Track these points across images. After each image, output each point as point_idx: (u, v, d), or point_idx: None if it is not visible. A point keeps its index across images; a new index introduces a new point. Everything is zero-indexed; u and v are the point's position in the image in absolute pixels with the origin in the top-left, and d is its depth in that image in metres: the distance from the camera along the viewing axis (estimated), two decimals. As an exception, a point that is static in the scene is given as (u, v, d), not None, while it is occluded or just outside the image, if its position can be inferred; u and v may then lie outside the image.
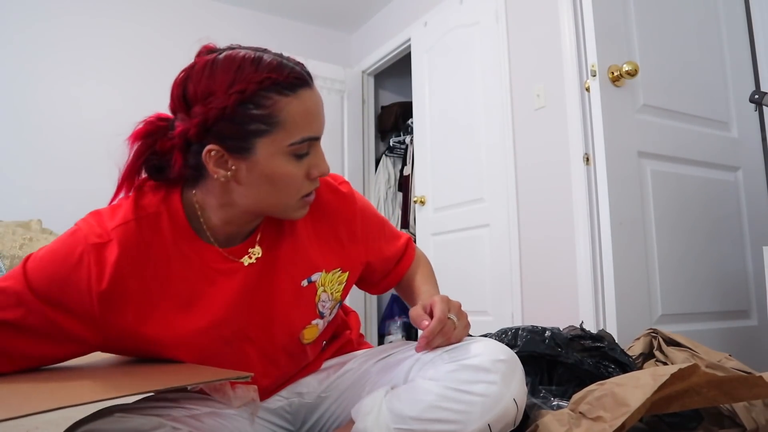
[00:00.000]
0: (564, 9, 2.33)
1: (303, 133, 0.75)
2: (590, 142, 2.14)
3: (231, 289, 0.81)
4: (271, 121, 0.73)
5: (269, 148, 0.74)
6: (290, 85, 0.74)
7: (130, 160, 0.80)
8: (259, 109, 0.72)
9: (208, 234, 0.81)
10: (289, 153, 0.75)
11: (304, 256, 0.87)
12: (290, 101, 0.74)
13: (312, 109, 0.76)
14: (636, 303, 1.86)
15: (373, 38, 3.90)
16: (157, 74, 3.47)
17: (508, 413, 0.76)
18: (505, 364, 0.78)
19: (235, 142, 0.73)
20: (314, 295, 0.87)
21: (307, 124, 0.76)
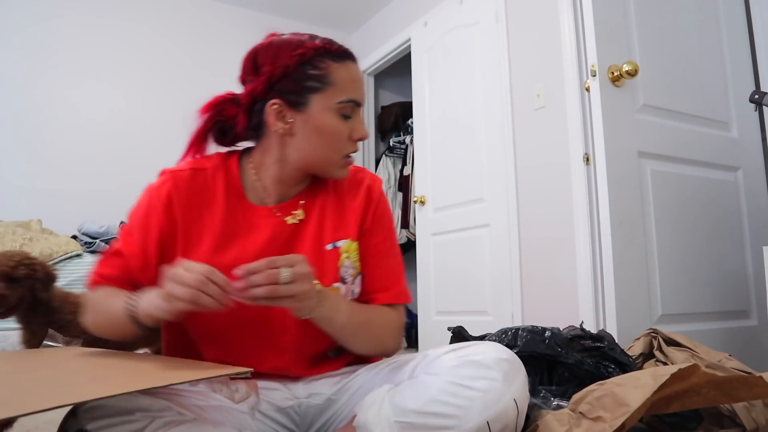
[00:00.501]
0: (564, 9, 2.33)
1: (349, 95, 0.90)
2: (590, 142, 2.14)
3: (263, 237, 0.91)
4: (324, 81, 0.88)
5: (321, 103, 0.89)
6: (340, 55, 0.90)
7: (200, 126, 0.96)
8: (315, 69, 0.88)
9: (260, 194, 0.94)
10: (336, 111, 0.89)
11: (335, 222, 0.97)
12: (339, 67, 0.89)
13: (356, 77, 0.92)
14: (636, 303, 1.86)
15: (373, 38, 3.90)
16: (157, 74, 3.47)
17: (508, 413, 0.76)
18: (509, 364, 0.79)
19: (293, 96, 0.89)
20: (337, 260, 0.95)
21: (353, 89, 0.90)
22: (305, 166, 0.94)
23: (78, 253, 2.48)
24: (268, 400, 0.92)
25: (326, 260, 0.94)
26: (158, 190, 0.93)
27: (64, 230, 2.69)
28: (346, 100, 0.90)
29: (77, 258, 2.46)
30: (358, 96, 0.91)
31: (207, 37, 3.66)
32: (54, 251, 2.40)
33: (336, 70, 0.89)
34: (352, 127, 0.92)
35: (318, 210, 0.97)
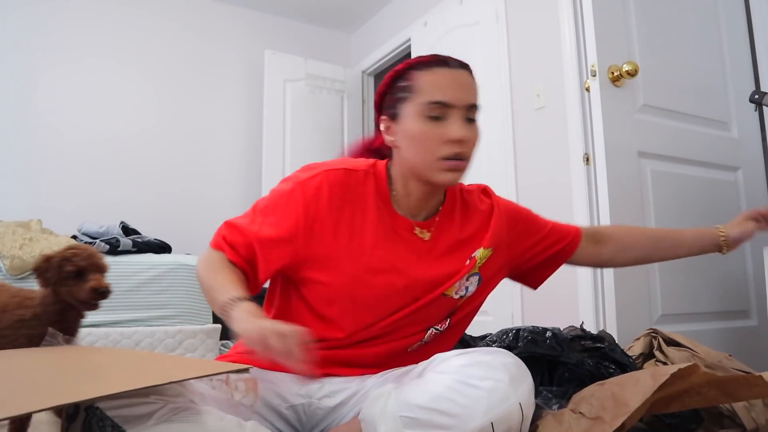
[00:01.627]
0: (564, 9, 2.33)
1: (432, 97, 0.93)
2: (590, 142, 2.14)
3: (406, 250, 0.98)
4: (411, 89, 0.96)
5: (410, 110, 0.95)
6: (428, 63, 0.97)
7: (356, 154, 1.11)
8: (403, 81, 0.97)
9: (401, 204, 1.01)
10: (422, 114, 0.94)
11: (468, 233, 1.03)
12: (424, 74, 0.96)
13: (443, 80, 0.95)
14: (636, 303, 1.86)
15: (373, 38, 3.90)
16: (157, 75, 3.47)
17: (513, 416, 0.76)
18: (516, 368, 0.80)
19: (391, 109, 0.99)
20: (473, 268, 1.02)
21: (437, 91, 0.94)
22: (414, 175, 0.98)
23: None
24: (281, 394, 0.92)
25: (462, 270, 1.00)
26: (306, 184, 0.96)
27: (64, 230, 2.69)
28: (430, 102, 0.93)
29: (77, 258, 2.46)
30: (444, 96, 0.93)
31: (207, 37, 3.66)
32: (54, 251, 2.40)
33: (420, 77, 0.95)
34: (445, 129, 0.93)
35: (456, 226, 1.03)
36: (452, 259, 1.01)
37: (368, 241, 0.96)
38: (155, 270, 2.53)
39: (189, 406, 0.76)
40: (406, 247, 0.98)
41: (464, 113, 0.95)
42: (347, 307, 0.95)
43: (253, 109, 3.69)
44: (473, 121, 0.97)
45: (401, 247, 0.98)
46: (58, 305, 1.20)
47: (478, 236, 1.04)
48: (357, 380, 0.96)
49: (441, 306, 1.01)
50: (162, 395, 0.75)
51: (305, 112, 3.67)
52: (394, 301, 0.96)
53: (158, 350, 2.46)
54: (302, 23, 4.01)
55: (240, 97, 3.70)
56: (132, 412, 0.72)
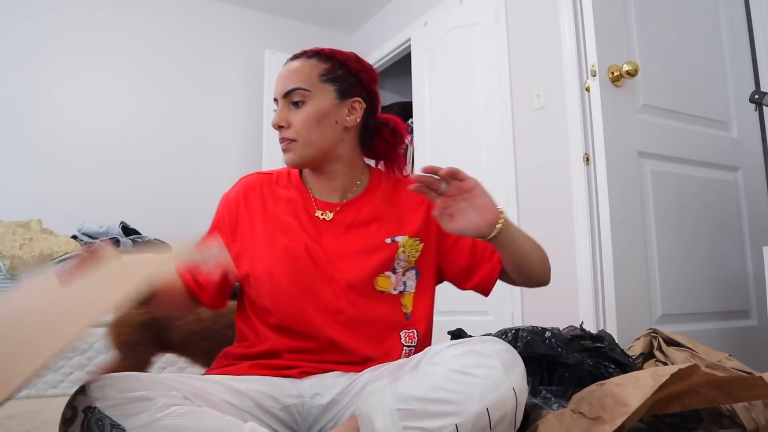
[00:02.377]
0: (564, 9, 2.33)
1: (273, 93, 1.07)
2: (590, 142, 2.14)
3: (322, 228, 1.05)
4: None
5: None
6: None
7: None
8: None
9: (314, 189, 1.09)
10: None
11: (395, 218, 1.07)
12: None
13: (276, 79, 1.08)
14: (636, 303, 1.86)
15: (373, 38, 3.90)
16: (157, 75, 3.47)
17: (507, 401, 0.77)
18: (508, 354, 0.81)
19: None
20: (394, 252, 1.05)
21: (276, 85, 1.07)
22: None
23: (78, 253, 2.48)
24: (273, 396, 0.93)
25: (382, 252, 1.04)
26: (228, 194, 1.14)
27: (64, 230, 2.69)
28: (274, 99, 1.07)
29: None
30: (274, 93, 1.06)
31: (207, 37, 3.66)
32: (54, 251, 2.40)
33: None
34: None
35: (373, 208, 1.08)
36: (361, 234, 1.05)
37: (281, 226, 1.05)
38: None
39: (187, 405, 0.76)
40: (314, 228, 1.05)
41: (285, 101, 1.04)
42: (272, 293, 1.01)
43: (253, 109, 3.69)
44: (298, 104, 1.03)
45: (311, 227, 1.05)
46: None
47: (403, 223, 1.07)
48: (347, 376, 0.97)
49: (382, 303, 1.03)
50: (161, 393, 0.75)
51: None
52: (311, 282, 1.01)
53: (158, 350, 2.46)
54: (302, 23, 4.01)
55: (240, 97, 3.70)
56: (131, 411, 0.72)
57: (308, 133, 1.02)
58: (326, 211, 1.06)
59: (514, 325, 1.21)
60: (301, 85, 1.03)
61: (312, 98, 1.03)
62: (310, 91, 1.03)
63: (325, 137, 1.03)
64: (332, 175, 1.08)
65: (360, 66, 1.11)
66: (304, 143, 1.02)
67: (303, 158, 1.03)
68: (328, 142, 1.04)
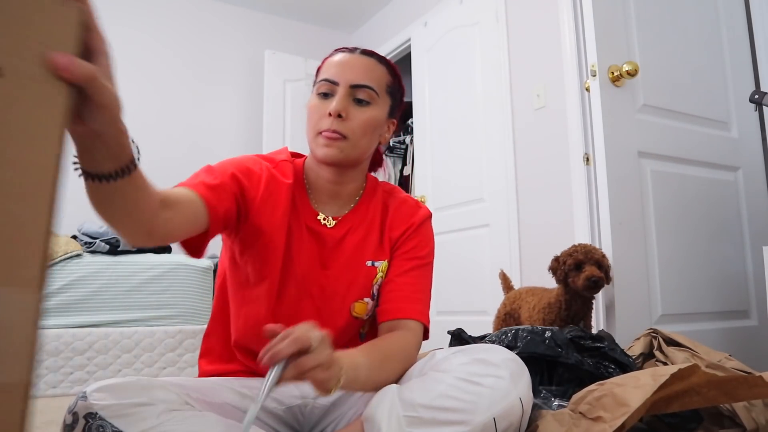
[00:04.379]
0: (564, 9, 2.33)
1: (321, 75, 0.99)
2: (590, 142, 2.14)
3: (311, 246, 0.98)
4: (318, 73, 1.03)
5: (312, 91, 1.01)
6: (335, 52, 1.03)
7: None
8: (319, 70, 1.04)
9: (311, 194, 1.02)
10: (316, 92, 0.99)
11: (377, 242, 1.02)
12: (329, 59, 1.02)
13: (335, 60, 1.00)
14: (636, 303, 1.86)
15: (373, 38, 3.90)
16: (157, 75, 3.48)
17: (514, 411, 0.77)
18: (515, 364, 0.81)
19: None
20: (373, 277, 1.00)
21: (326, 70, 0.99)
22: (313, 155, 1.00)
23: (78, 253, 2.48)
24: (276, 397, 0.93)
25: (363, 275, 1.00)
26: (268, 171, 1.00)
27: (64, 230, 2.69)
28: (319, 80, 0.99)
29: (77, 258, 2.46)
30: (329, 74, 0.98)
31: (207, 37, 3.66)
32: (54, 251, 2.40)
33: (326, 62, 1.02)
34: (328, 104, 0.95)
35: (366, 226, 1.02)
36: (348, 253, 0.99)
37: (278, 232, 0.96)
38: (155, 270, 2.53)
39: (188, 411, 0.76)
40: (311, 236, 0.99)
41: (349, 92, 0.96)
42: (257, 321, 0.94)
43: (253, 109, 3.69)
44: (363, 103, 0.97)
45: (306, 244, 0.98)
46: (567, 296, 1.55)
47: (385, 244, 1.02)
48: None
49: (351, 327, 1.00)
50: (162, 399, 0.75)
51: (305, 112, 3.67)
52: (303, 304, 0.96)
53: (158, 350, 2.46)
54: (302, 23, 4.01)
55: (240, 97, 3.70)
56: (132, 417, 0.72)
57: (362, 136, 0.97)
58: (328, 218, 1.01)
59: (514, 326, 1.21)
60: (374, 87, 0.97)
61: (376, 104, 0.98)
62: (378, 96, 0.98)
63: (368, 146, 0.99)
64: (346, 182, 1.02)
65: (404, 90, 1.08)
66: (354, 145, 0.96)
67: (345, 158, 0.96)
68: (367, 151, 1.00)
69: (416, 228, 1.04)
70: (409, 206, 1.06)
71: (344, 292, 0.99)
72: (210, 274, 2.66)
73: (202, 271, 2.63)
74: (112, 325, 2.42)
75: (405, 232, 1.03)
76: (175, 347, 2.48)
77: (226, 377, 0.95)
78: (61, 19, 0.44)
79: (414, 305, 0.98)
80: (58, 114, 0.44)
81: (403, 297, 0.98)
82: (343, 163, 0.98)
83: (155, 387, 0.77)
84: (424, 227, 1.06)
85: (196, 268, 2.61)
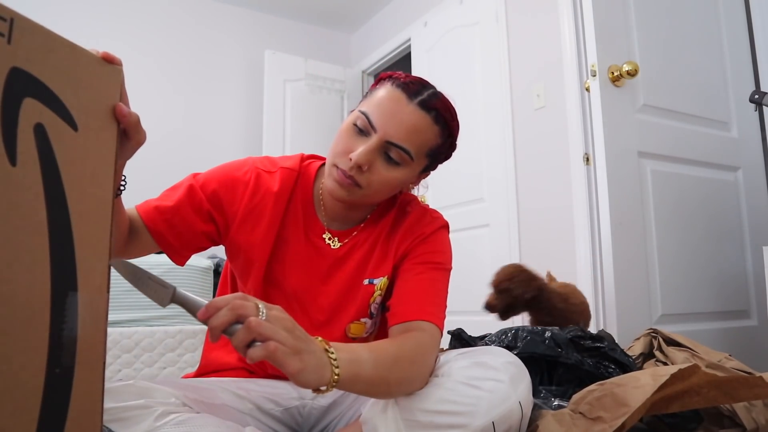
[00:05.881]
0: (564, 9, 2.33)
1: (367, 107, 0.88)
2: (590, 142, 2.14)
3: (311, 260, 0.95)
4: (370, 92, 0.92)
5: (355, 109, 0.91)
6: (395, 82, 0.89)
7: None
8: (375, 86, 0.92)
9: (321, 207, 0.97)
10: (352, 119, 0.89)
11: (380, 258, 0.96)
12: (384, 86, 0.90)
13: (388, 102, 0.87)
14: (636, 303, 1.86)
15: (373, 38, 3.90)
16: (156, 75, 3.47)
17: (513, 415, 0.77)
18: (515, 368, 0.81)
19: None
20: (370, 296, 0.95)
21: (373, 106, 0.87)
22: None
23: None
24: (274, 399, 0.93)
25: (359, 294, 0.95)
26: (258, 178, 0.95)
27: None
28: (360, 110, 0.88)
29: (77, 258, 2.46)
30: (372, 114, 0.86)
31: (207, 37, 3.66)
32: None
33: (381, 87, 0.90)
34: (356, 145, 0.86)
35: (369, 244, 0.97)
36: (348, 271, 0.95)
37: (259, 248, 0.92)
38: (155, 270, 2.53)
39: (186, 413, 0.76)
40: (315, 251, 0.95)
41: (382, 146, 0.85)
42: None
43: (253, 109, 3.69)
44: (392, 162, 0.87)
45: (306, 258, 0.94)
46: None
47: (387, 261, 0.96)
48: None
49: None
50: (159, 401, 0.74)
51: (305, 112, 3.67)
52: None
53: (158, 350, 2.47)
54: (302, 23, 4.01)
55: (240, 97, 3.70)
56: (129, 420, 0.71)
57: (378, 191, 0.89)
58: (334, 238, 0.96)
59: (514, 325, 1.21)
60: (411, 151, 0.87)
61: (408, 166, 0.89)
62: (413, 160, 0.88)
63: (384, 197, 0.94)
64: (358, 209, 0.97)
65: (454, 147, 0.98)
66: (366, 195, 0.89)
67: (353, 201, 0.90)
68: (382, 199, 0.95)
69: (427, 236, 0.96)
70: (421, 219, 0.99)
71: (340, 310, 0.95)
72: (210, 274, 2.66)
73: (202, 271, 2.63)
74: (112, 325, 2.42)
75: (414, 242, 0.96)
76: (175, 347, 2.49)
77: (222, 378, 0.95)
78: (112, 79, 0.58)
79: (427, 307, 0.88)
80: (112, 154, 0.57)
81: (414, 299, 0.89)
82: (350, 204, 0.93)
83: (152, 390, 0.76)
84: (437, 235, 0.98)
85: (197, 268, 2.61)
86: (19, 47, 0.45)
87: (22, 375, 0.43)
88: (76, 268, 0.49)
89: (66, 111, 0.50)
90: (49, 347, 0.45)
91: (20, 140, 0.44)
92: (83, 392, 0.49)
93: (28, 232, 0.45)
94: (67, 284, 0.48)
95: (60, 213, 0.48)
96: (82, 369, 0.49)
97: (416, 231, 0.96)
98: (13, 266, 0.43)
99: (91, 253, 0.51)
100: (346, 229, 0.98)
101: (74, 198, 0.49)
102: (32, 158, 0.45)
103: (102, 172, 0.54)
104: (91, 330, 0.51)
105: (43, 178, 0.46)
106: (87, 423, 0.49)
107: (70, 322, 0.47)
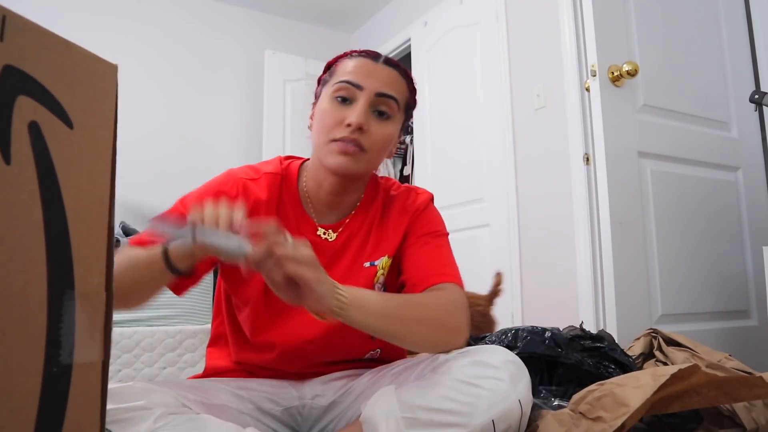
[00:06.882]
0: (564, 9, 2.33)
1: (342, 77, 0.91)
2: (590, 142, 2.13)
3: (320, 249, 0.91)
4: (332, 72, 0.95)
5: (325, 92, 0.93)
6: (354, 54, 0.95)
7: None
8: (331, 68, 0.96)
9: (311, 201, 0.97)
10: (333, 95, 0.91)
11: (377, 240, 0.98)
12: (348, 60, 0.94)
13: (360, 65, 0.92)
14: (636, 303, 1.86)
15: (373, 38, 3.90)
16: (156, 74, 3.47)
17: (513, 413, 0.77)
18: (515, 366, 0.81)
19: (317, 97, 0.97)
20: (374, 276, 0.97)
21: (349, 73, 0.91)
22: (319, 161, 0.93)
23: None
24: (274, 399, 0.93)
25: (362, 276, 0.96)
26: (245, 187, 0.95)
27: (64, 230, 2.69)
28: (339, 81, 0.91)
29: (77, 258, 2.46)
30: (353, 77, 0.90)
31: (207, 37, 3.66)
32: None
33: (343, 62, 0.94)
34: (347, 113, 0.89)
35: (364, 230, 0.98)
36: (347, 260, 0.96)
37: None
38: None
39: (186, 414, 0.76)
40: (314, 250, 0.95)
41: (372, 101, 0.90)
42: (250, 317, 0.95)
43: (254, 109, 3.69)
44: (384, 116, 0.91)
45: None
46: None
47: (385, 242, 0.98)
48: (348, 377, 0.97)
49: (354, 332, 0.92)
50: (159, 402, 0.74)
51: (305, 112, 3.66)
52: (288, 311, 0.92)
53: (158, 350, 2.46)
54: (302, 23, 4.01)
55: (240, 97, 3.70)
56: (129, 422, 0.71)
57: (379, 152, 0.92)
58: (329, 231, 0.97)
59: (514, 325, 1.21)
60: (399, 100, 0.93)
61: (395, 119, 0.94)
62: (398, 111, 0.94)
63: (380, 161, 0.96)
64: (348, 192, 0.98)
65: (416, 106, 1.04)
66: (369, 160, 0.91)
67: (359, 171, 0.92)
68: (377, 166, 0.97)
69: (421, 211, 1.00)
70: (408, 197, 1.03)
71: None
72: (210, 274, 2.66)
73: (201, 271, 2.63)
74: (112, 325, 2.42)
75: (410, 219, 0.99)
76: (175, 347, 2.48)
77: (222, 378, 0.95)
78: (107, 76, 0.56)
79: (441, 269, 0.91)
80: (108, 152, 0.56)
81: (427, 267, 0.92)
82: (354, 176, 0.94)
83: (152, 391, 0.76)
84: (429, 208, 1.03)
85: (196, 268, 2.61)
86: (12, 44, 0.44)
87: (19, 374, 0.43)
88: (73, 267, 0.49)
89: (61, 108, 0.49)
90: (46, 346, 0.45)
91: (14, 138, 0.44)
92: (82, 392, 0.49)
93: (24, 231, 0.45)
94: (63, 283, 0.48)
95: (56, 211, 0.48)
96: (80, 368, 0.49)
97: (410, 209, 1.00)
98: (9, 265, 0.43)
99: (88, 251, 0.51)
100: (337, 220, 0.98)
101: (70, 196, 0.49)
102: (27, 156, 0.45)
103: (98, 170, 0.54)
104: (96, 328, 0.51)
105: (38, 177, 0.46)
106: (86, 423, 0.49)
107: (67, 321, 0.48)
